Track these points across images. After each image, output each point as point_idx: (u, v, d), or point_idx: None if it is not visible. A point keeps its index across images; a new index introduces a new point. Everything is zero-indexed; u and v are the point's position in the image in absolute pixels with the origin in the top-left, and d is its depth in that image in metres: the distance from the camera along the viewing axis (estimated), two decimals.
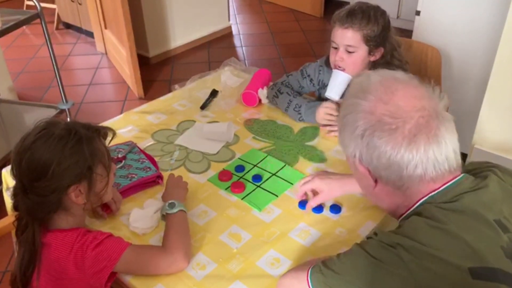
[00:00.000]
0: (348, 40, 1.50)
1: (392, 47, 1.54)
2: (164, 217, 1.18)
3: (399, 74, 0.89)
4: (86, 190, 1.04)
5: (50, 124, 1.05)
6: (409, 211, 0.88)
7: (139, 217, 1.22)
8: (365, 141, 0.83)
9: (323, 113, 1.55)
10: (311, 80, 1.71)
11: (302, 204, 1.26)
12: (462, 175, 0.86)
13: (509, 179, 0.88)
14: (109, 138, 1.13)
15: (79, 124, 1.07)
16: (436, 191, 0.84)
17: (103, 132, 1.10)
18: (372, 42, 1.50)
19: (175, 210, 1.16)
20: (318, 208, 1.24)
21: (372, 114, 0.83)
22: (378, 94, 0.84)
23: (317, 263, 0.89)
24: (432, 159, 0.81)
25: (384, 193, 0.90)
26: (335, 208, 1.24)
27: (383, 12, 1.52)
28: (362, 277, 0.80)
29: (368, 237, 0.86)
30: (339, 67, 1.55)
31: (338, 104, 1.53)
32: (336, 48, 1.54)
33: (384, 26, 1.50)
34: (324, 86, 1.70)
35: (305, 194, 1.27)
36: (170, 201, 1.18)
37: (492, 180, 0.86)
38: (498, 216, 0.81)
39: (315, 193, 1.26)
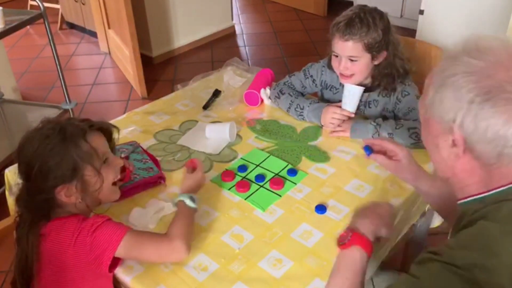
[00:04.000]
0: (349, 51, 1.48)
1: (394, 47, 1.53)
2: (176, 205, 1.17)
3: None
4: (79, 190, 1.03)
5: (41, 123, 1.05)
6: (479, 196, 0.80)
7: (138, 215, 1.22)
8: (474, 107, 0.73)
9: (330, 117, 1.54)
10: (313, 80, 1.70)
11: (369, 149, 1.17)
12: None
13: None
14: (115, 136, 1.13)
15: (69, 122, 1.06)
16: None
17: (99, 127, 1.09)
18: (374, 49, 1.47)
19: (193, 205, 1.14)
20: (322, 209, 1.24)
21: (489, 78, 0.72)
22: (500, 58, 0.73)
23: None
24: None
25: (464, 168, 0.80)
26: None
27: (382, 14, 1.49)
28: None
29: (422, 260, 0.73)
30: (346, 75, 1.53)
31: (348, 112, 1.54)
32: (337, 56, 1.52)
33: (384, 29, 1.47)
34: (327, 86, 1.70)
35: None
36: (192, 195, 1.16)
37: None
38: None
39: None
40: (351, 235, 0.93)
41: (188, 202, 1.14)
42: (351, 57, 1.48)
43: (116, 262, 1.04)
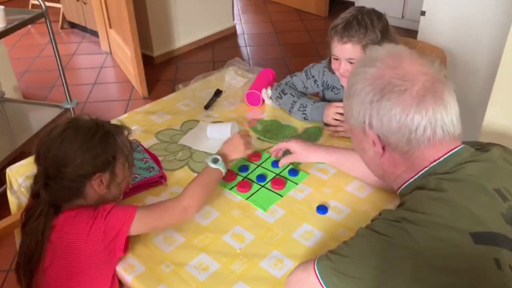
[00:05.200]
0: (348, 53, 1.47)
1: None
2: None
3: (403, 47, 0.94)
4: (108, 181, 1.10)
5: (75, 118, 1.12)
6: (411, 180, 0.91)
7: None
8: (375, 106, 0.86)
9: (334, 112, 1.54)
10: (315, 81, 1.70)
11: (275, 163, 1.38)
12: (462, 146, 0.89)
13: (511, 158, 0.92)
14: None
15: (102, 120, 1.13)
16: (437, 161, 0.88)
17: (122, 128, 1.16)
18: None
19: (214, 166, 1.22)
20: (323, 209, 1.24)
21: (381, 79, 0.86)
22: (386, 61, 0.88)
23: (323, 254, 0.89)
24: (440, 121, 0.85)
25: (389, 162, 0.93)
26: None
27: (380, 16, 1.48)
28: (370, 255, 0.80)
29: (373, 219, 0.87)
30: (346, 77, 1.53)
31: None
32: (337, 59, 1.52)
33: (382, 31, 1.45)
34: (328, 87, 1.70)
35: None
36: (216, 156, 1.24)
37: (493, 153, 0.90)
38: (498, 186, 0.84)
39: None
40: None
41: (210, 163, 1.22)
42: (350, 60, 1.48)
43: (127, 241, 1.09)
